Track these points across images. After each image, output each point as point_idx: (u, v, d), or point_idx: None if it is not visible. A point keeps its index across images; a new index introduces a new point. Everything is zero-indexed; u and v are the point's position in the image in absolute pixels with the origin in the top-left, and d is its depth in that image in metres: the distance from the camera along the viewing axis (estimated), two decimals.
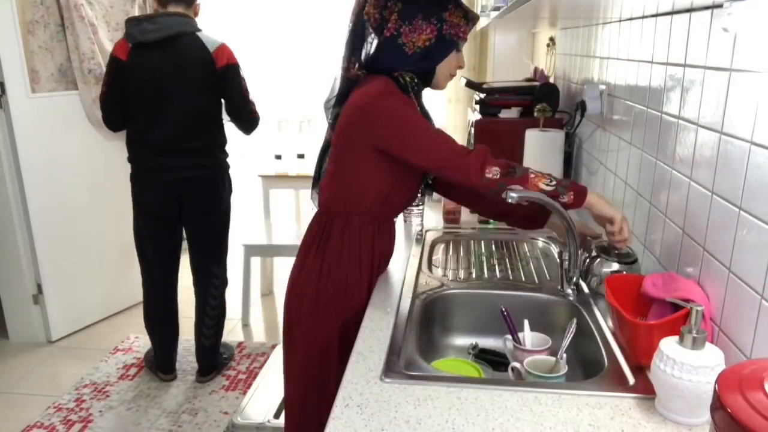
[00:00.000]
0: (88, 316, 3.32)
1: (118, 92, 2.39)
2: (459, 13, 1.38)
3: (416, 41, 1.36)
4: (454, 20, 1.37)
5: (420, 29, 1.35)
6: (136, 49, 2.33)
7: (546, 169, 2.15)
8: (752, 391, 0.64)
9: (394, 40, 1.36)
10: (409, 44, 1.36)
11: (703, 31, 1.11)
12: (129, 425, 2.45)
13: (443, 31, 1.36)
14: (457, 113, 4.42)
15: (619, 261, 1.37)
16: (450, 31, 1.37)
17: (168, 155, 2.43)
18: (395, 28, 1.36)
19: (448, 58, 1.41)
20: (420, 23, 1.35)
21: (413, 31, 1.35)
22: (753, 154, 0.92)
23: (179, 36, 2.34)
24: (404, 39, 1.36)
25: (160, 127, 2.39)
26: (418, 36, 1.36)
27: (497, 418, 0.94)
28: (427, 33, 1.36)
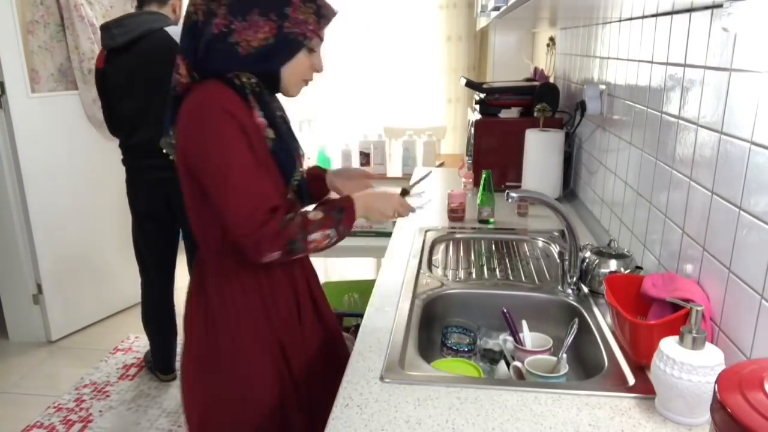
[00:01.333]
0: (88, 316, 3.32)
1: (104, 100, 2.43)
2: (308, 9, 1.16)
3: (251, 40, 1.14)
4: (299, 17, 1.15)
5: (255, 26, 1.13)
6: (109, 56, 2.35)
7: (546, 169, 2.17)
8: (752, 391, 0.64)
9: (225, 38, 1.13)
10: (242, 43, 1.13)
11: (703, 31, 1.11)
12: (129, 425, 2.45)
13: (284, 29, 1.14)
14: (457, 113, 4.43)
15: (626, 267, 1.38)
16: (294, 29, 1.15)
17: (152, 156, 2.37)
18: (225, 24, 1.12)
19: (295, 60, 1.19)
20: (256, 19, 1.12)
21: (247, 29, 1.13)
22: (753, 154, 0.92)
23: (147, 34, 2.32)
24: (236, 37, 1.13)
25: (142, 128, 2.40)
26: (254, 34, 1.13)
27: (497, 418, 0.95)
28: (264, 31, 1.13)
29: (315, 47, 1.21)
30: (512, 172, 2.32)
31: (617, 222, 1.68)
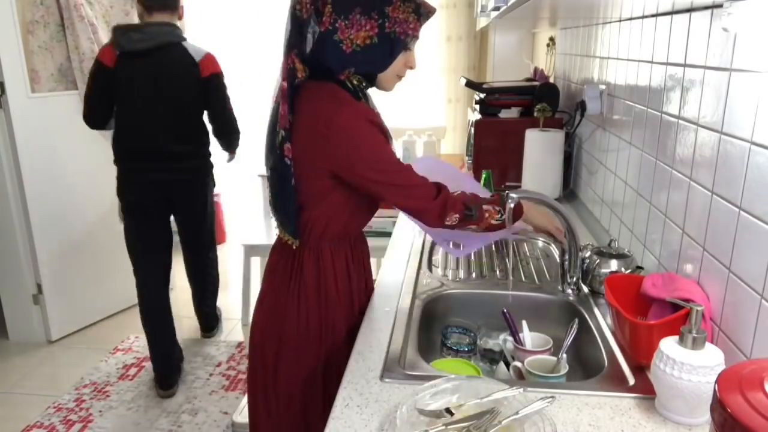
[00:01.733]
0: (88, 316, 3.32)
1: (104, 97, 2.45)
2: (407, 8, 1.19)
3: (354, 39, 1.17)
4: (399, 16, 1.18)
5: (358, 25, 1.17)
6: (123, 57, 2.39)
7: (546, 169, 2.17)
8: (752, 391, 0.64)
9: (330, 35, 1.17)
10: (346, 41, 1.18)
11: (703, 31, 1.11)
12: (129, 425, 2.45)
13: (386, 28, 1.18)
14: (457, 113, 4.42)
15: (626, 267, 1.38)
16: (395, 28, 1.19)
17: (152, 159, 2.50)
18: (330, 23, 1.17)
19: (396, 61, 1.24)
20: (358, 18, 1.16)
21: (350, 27, 1.17)
22: (753, 154, 0.92)
23: (166, 46, 2.43)
24: (341, 35, 1.17)
25: (145, 132, 2.46)
26: (356, 33, 1.17)
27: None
28: (366, 30, 1.17)
29: (412, 46, 1.26)
30: (512, 172, 2.32)
31: (617, 222, 1.68)
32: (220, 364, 2.92)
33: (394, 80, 1.29)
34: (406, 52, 1.25)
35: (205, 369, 2.87)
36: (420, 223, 1.30)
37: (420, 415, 0.91)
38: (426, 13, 1.23)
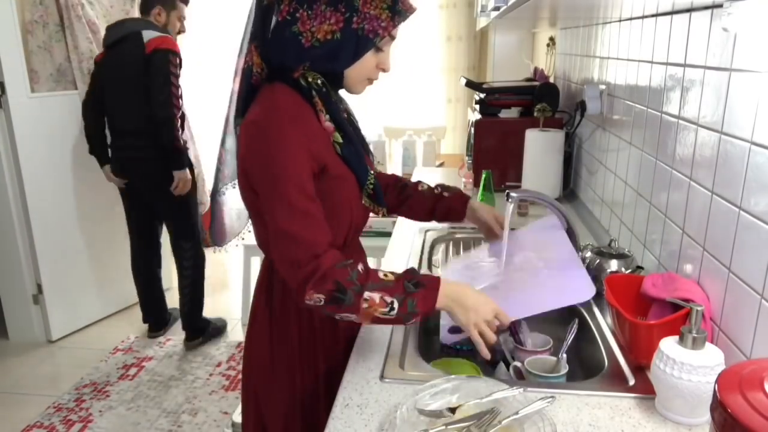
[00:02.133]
0: (88, 316, 3.32)
1: (97, 92, 2.78)
2: (382, 3, 1.05)
3: (315, 32, 1.04)
4: (371, 11, 1.04)
5: (322, 17, 1.03)
6: (104, 53, 2.78)
7: (546, 169, 2.17)
8: (752, 391, 0.64)
9: (288, 26, 1.05)
10: (306, 34, 1.04)
11: (703, 31, 1.11)
12: (129, 425, 2.45)
13: (353, 23, 1.04)
14: (457, 113, 4.43)
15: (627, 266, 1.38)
16: (364, 25, 1.05)
17: (118, 138, 2.83)
18: (289, 11, 1.04)
19: (361, 60, 1.09)
20: (323, 9, 1.03)
21: (312, 19, 1.04)
22: (753, 154, 0.92)
23: (128, 35, 2.69)
24: (300, 27, 1.04)
25: (114, 114, 2.81)
26: (319, 25, 1.04)
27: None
28: (330, 23, 1.04)
29: (384, 46, 1.10)
30: (512, 172, 2.32)
31: (617, 222, 1.68)
32: (220, 364, 2.92)
33: (363, 83, 1.14)
34: (377, 52, 1.10)
35: (205, 369, 2.87)
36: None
37: (420, 415, 0.91)
38: (403, 11, 1.07)
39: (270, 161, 1.02)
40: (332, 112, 1.11)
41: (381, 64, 1.12)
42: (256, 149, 1.04)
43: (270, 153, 1.02)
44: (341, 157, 1.12)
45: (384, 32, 1.07)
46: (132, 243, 3.09)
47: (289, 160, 1.02)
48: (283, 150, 1.02)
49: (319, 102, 1.09)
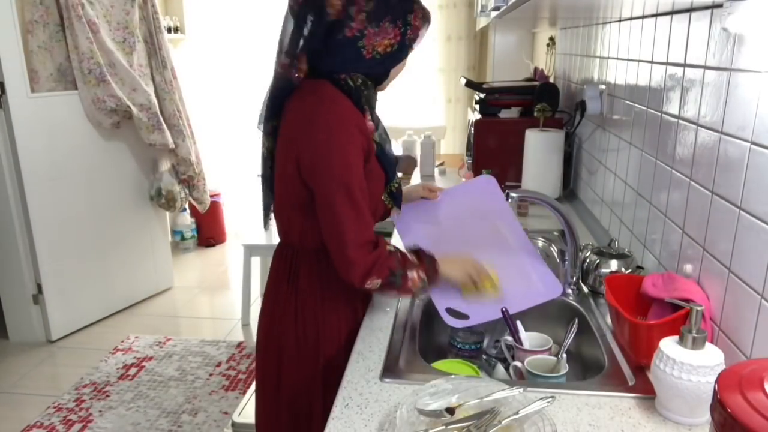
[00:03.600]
0: (88, 316, 3.32)
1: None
2: (419, 15, 1.20)
3: (377, 46, 1.17)
4: (416, 23, 1.20)
5: (385, 33, 1.17)
6: None
7: (546, 169, 2.17)
8: (752, 391, 0.64)
9: (356, 41, 1.16)
10: (368, 47, 1.17)
11: (703, 31, 1.11)
12: (129, 425, 2.45)
13: (407, 35, 1.19)
14: (457, 113, 4.43)
15: (627, 266, 1.38)
16: (411, 35, 1.20)
17: None
18: (359, 29, 1.15)
19: (403, 62, 1.26)
20: (387, 26, 1.16)
21: (377, 35, 1.16)
22: (753, 154, 0.92)
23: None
24: (366, 41, 1.16)
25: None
26: (381, 40, 1.17)
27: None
28: (390, 37, 1.17)
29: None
30: (512, 172, 2.32)
31: (617, 222, 1.68)
32: (220, 364, 2.92)
33: (392, 81, 1.30)
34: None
35: (205, 369, 2.87)
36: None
37: (420, 415, 0.91)
38: (429, 18, 1.24)
39: (340, 158, 1.13)
40: (372, 113, 1.24)
41: (404, 64, 1.28)
42: (317, 144, 1.13)
43: (340, 150, 1.13)
44: (377, 155, 1.23)
45: (420, 38, 1.23)
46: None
47: (355, 158, 1.15)
48: (350, 147, 1.14)
49: (364, 102, 1.20)
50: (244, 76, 4.50)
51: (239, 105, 4.55)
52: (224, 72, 4.51)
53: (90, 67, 3.07)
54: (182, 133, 3.51)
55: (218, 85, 4.53)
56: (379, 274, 1.16)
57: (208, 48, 4.49)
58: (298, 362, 1.31)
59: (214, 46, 4.47)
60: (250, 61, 4.47)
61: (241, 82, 4.51)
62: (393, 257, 1.19)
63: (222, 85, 4.53)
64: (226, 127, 4.61)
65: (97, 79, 3.10)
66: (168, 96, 3.45)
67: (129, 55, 3.26)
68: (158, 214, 3.71)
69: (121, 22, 3.23)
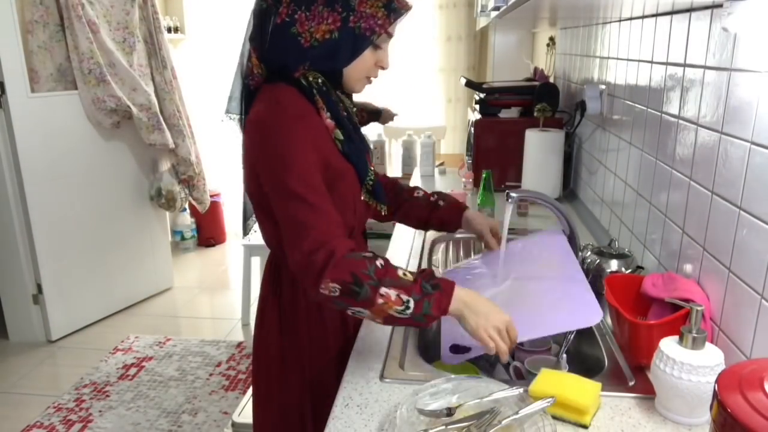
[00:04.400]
0: (88, 316, 3.32)
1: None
2: (377, 2, 1.08)
3: (314, 32, 1.07)
4: (367, 10, 1.07)
5: (320, 17, 1.07)
6: None
7: (546, 169, 2.17)
8: (752, 391, 0.64)
9: (287, 28, 1.07)
10: (305, 35, 1.07)
11: (703, 31, 1.11)
12: (129, 425, 2.45)
13: (350, 22, 1.07)
14: (456, 113, 4.43)
15: (627, 266, 1.38)
16: (360, 23, 1.08)
17: None
18: (288, 13, 1.07)
19: (360, 58, 1.12)
20: (320, 10, 1.07)
21: (310, 19, 1.07)
22: (753, 154, 0.92)
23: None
24: (299, 28, 1.07)
25: None
26: (317, 26, 1.07)
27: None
28: (328, 23, 1.07)
29: (382, 44, 1.13)
30: (512, 172, 2.32)
31: (617, 222, 1.68)
32: (220, 364, 2.92)
33: (363, 81, 1.17)
34: (375, 50, 1.13)
35: (205, 369, 2.87)
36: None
37: (420, 415, 0.91)
38: (398, 8, 1.10)
39: (278, 156, 1.04)
40: (332, 110, 1.13)
41: (380, 61, 1.15)
42: (263, 146, 1.06)
43: (278, 149, 1.04)
44: (342, 153, 1.14)
45: (381, 30, 1.09)
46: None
47: (297, 154, 1.04)
48: (290, 145, 1.04)
49: (320, 100, 1.11)
50: None
51: None
52: (224, 72, 4.50)
53: (90, 67, 3.07)
54: (182, 133, 3.51)
55: (218, 85, 4.53)
56: (334, 276, 0.96)
57: (208, 48, 4.49)
58: (286, 376, 1.27)
59: (214, 46, 4.47)
60: None
61: None
62: (362, 262, 0.98)
63: (222, 85, 4.52)
64: (226, 127, 4.61)
65: (97, 79, 3.10)
66: (168, 96, 3.45)
67: (129, 55, 3.26)
68: (158, 214, 3.71)
69: (121, 22, 3.23)
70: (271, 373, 1.28)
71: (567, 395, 0.92)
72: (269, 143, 1.05)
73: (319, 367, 1.24)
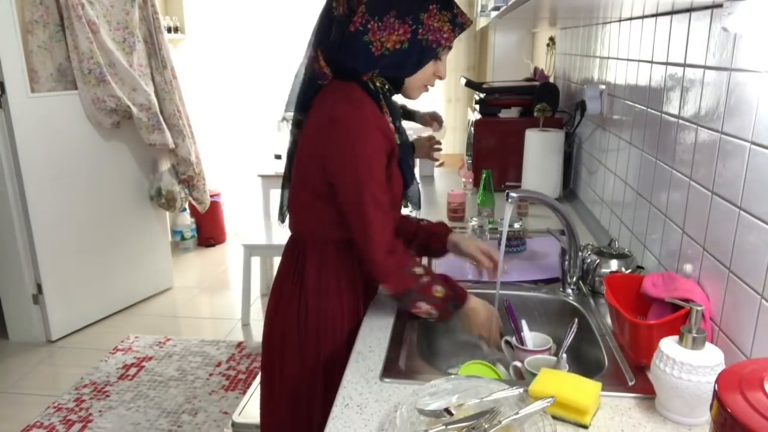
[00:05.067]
0: (88, 316, 3.32)
1: None
2: (444, 17, 1.18)
3: (385, 42, 1.16)
4: (434, 24, 1.17)
5: (391, 28, 1.15)
6: None
7: (546, 169, 2.17)
8: (752, 391, 0.64)
9: (359, 36, 1.16)
10: (376, 43, 1.16)
11: (703, 31, 1.11)
12: (129, 425, 2.45)
13: (419, 35, 1.16)
14: (457, 113, 4.43)
15: (627, 266, 1.38)
16: (428, 36, 1.17)
17: None
18: (362, 23, 1.16)
19: (424, 68, 1.22)
20: (392, 21, 1.15)
21: (382, 30, 1.15)
22: (753, 154, 0.92)
23: None
24: (371, 37, 1.16)
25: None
26: (388, 36, 1.16)
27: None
28: (398, 34, 1.16)
29: (443, 55, 1.23)
30: (512, 172, 2.32)
31: (617, 222, 1.68)
32: (220, 364, 2.92)
33: (421, 89, 1.27)
34: (436, 61, 1.23)
35: (205, 369, 2.87)
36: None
37: (420, 415, 0.91)
38: (461, 24, 1.20)
39: (359, 158, 1.15)
40: (394, 116, 1.24)
41: (438, 72, 1.25)
42: (341, 144, 1.16)
43: (357, 149, 1.15)
44: (398, 160, 1.25)
45: (446, 42, 1.20)
46: None
47: (375, 160, 1.16)
48: (370, 148, 1.15)
49: (384, 105, 1.21)
50: (244, 76, 4.50)
51: (239, 105, 4.55)
52: (224, 72, 4.51)
53: (90, 67, 3.07)
54: (182, 133, 3.51)
55: (218, 85, 4.54)
56: (395, 285, 1.20)
57: (208, 48, 4.49)
58: (301, 356, 1.32)
59: (214, 46, 4.47)
60: (251, 61, 4.47)
61: (241, 82, 4.51)
62: (415, 278, 1.20)
63: (222, 85, 4.53)
64: (226, 127, 4.61)
65: (97, 79, 3.10)
66: (168, 96, 3.45)
67: (129, 55, 3.26)
68: (158, 214, 3.71)
69: (121, 22, 3.23)
70: (285, 356, 1.33)
71: (567, 395, 0.92)
72: (347, 142, 1.15)
73: (332, 350, 1.31)
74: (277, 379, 1.36)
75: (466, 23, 1.21)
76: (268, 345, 1.38)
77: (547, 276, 1.51)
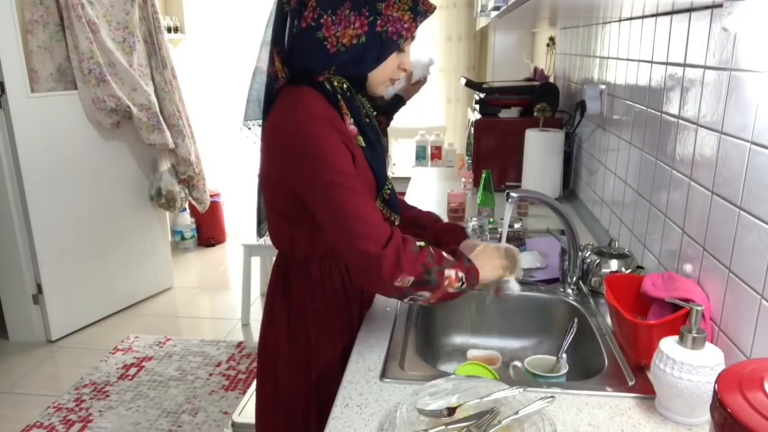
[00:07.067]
0: (88, 316, 3.32)
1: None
2: (403, 5, 1.07)
3: (340, 37, 1.05)
4: (393, 13, 1.06)
5: (347, 22, 1.05)
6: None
7: (546, 169, 2.17)
8: (752, 391, 0.64)
9: (312, 32, 1.06)
10: (331, 39, 1.05)
11: (703, 31, 1.11)
12: (129, 425, 2.45)
13: (377, 27, 1.06)
14: (456, 113, 4.43)
15: (627, 266, 1.38)
16: (387, 27, 1.06)
17: None
18: (313, 18, 1.05)
19: (386, 61, 1.11)
20: (347, 14, 1.04)
21: (337, 23, 1.05)
22: (753, 154, 0.92)
23: None
24: (325, 32, 1.05)
25: None
26: (343, 30, 1.05)
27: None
28: (355, 27, 1.05)
29: (405, 47, 1.12)
30: (512, 172, 2.32)
31: (617, 222, 1.68)
32: (220, 364, 2.92)
33: (386, 84, 1.15)
34: (399, 53, 1.12)
35: (205, 369, 2.87)
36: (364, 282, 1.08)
37: (420, 415, 0.91)
38: (423, 11, 1.09)
39: (310, 156, 1.03)
40: (355, 116, 1.12)
41: (402, 64, 1.14)
42: (292, 149, 1.05)
43: (308, 148, 1.03)
44: (366, 159, 1.14)
45: (407, 33, 1.09)
46: None
47: (329, 149, 1.03)
48: (321, 144, 1.03)
49: (344, 106, 1.10)
50: (244, 76, 4.49)
51: (239, 105, 4.54)
52: (224, 72, 4.51)
53: (90, 67, 3.07)
54: (182, 133, 3.51)
55: (218, 85, 4.53)
56: (411, 270, 1.00)
57: (208, 48, 4.48)
58: (293, 376, 1.27)
59: (214, 46, 4.47)
60: (251, 61, 4.46)
61: (241, 82, 4.50)
62: (425, 252, 1.04)
63: (222, 85, 4.53)
64: (226, 127, 4.61)
65: (97, 79, 3.10)
66: (168, 96, 3.45)
67: (129, 55, 3.26)
68: (158, 214, 3.71)
69: (121, 22, 3.23)
70: (278, 373, 1.28)
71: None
72: (298, 145, 1.04)
73: (325, 367, 1.25)
74: (272, 396, 1.32)
75: (428, 10, 1.10)
76: (262, 362, 1.34)
77: (547, 276, 1.51)
